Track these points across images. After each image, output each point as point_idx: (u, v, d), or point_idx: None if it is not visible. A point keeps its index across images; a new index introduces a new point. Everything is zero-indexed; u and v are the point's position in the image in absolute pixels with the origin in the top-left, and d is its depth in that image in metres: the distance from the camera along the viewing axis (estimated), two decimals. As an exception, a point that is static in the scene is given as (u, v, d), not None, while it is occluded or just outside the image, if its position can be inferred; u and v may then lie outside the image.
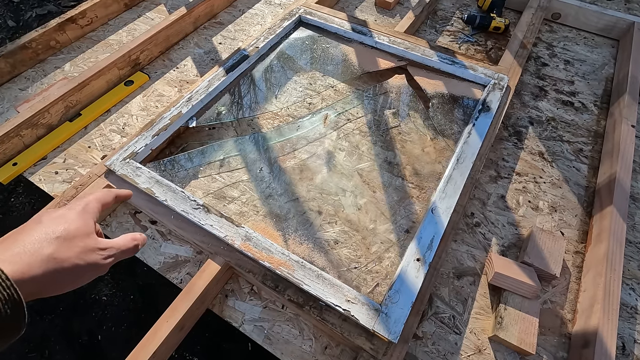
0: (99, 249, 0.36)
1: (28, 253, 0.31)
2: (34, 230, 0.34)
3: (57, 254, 0.33)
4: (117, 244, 0.39)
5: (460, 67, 1.06)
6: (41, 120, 0.96)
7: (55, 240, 0.33)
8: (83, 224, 0.36)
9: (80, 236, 0.35)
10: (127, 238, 0.40)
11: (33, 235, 0.33)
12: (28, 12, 1.80)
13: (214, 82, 1.01)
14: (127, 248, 0.39)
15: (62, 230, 0.34)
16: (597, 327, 0.66)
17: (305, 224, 0.84)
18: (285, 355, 0.69)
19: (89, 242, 0.35)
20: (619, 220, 0.79)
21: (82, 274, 0.35)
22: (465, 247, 0.83)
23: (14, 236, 0.33)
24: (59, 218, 0.36)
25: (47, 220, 0.35)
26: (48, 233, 0.33)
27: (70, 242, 0.34)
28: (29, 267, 0.31)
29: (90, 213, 0.38)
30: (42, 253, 0.32)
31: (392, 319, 0.62)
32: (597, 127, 1.06)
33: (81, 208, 0.38)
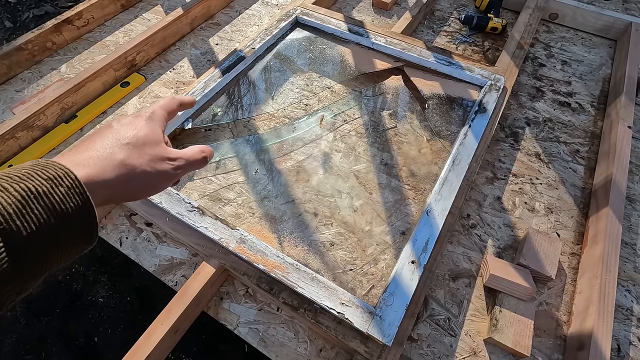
0: (168, 158, 0.35)
1: (101, 157, 0.30)
2: (104, 135, 0.33)
3: (129, 160, 0.32)
4: (186, 155, 0.37)
5: (457, 68, 1.06)
6: (37, 122, 0.96)
7: (125, 147, 0.32)
8: (151, 132, 0.35)
9: (149, 144, 0.34)
10: (195, 149, 0.38)
11: (104, 141, 0.32)
12: (25, 13, 1.80)
13: (210, 83, 1.01)
14: (195, 160, 0.38)
15: (132, 137, 0.33)
16: (592, 329, 0.66)
17: (301, 225, 0.84)
18: (280, 357, 0.69)
19: (158, 151, 0.34)
20: (614, 222, 0.79)
21: (154, 182, 0.34)
22: (461, 248, 0.82)
23: (86, 142, 0.32)
24: (129, 125, 0.34)
25: (117, 126, 0.34)
26: (119, 139, 0.33)
27: (141, 149, 0.33)
28: (102, 171, 0.30)
29: (158, 121, 0.37)
30: (115, 158, 0.31)
31: (386, 321, 0.62)
32: (594, 128, 1.06)
33: (148, 115, 0.37)
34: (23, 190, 0.24)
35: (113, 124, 0.35)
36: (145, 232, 0.84)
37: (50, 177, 0.26)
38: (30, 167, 0.26)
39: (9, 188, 0.24)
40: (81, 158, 0.30)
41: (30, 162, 0.27)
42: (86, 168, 0.29)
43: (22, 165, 0.27)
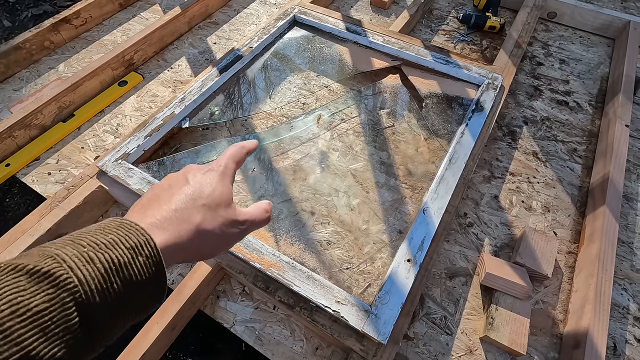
0: (237, 222, 0.35)
1: (178, 220, 0.31)
2: (182, 191, 0.33)
3: (204, 224, 0.32)
4: (252, 217, 0.37)
5: (455, 66, 1.06)
6: (34, 121, 0.96)
7: (202, 208, 0.32)
8: (225, 191, 0.35)
9: (223, 206, 0.34)
10: (260, 210, 0.38)
11: (182, 198, 0.32)
12: (24, 12, 1.80)
13: (207, 82, 1.01)
14: (260, 220, 0.38)
15: (207, 197, 0.33)
16: (588, 328, 0.66)
17: (298, 224, 0.84)
18: (276, 356, 0.69)
19: (230, 213, 0.34)
20: (611, 220, 0.79)
21: (222, 246, 0.35)
22: (457, 247, 0.83)
23: (164, 195, 0.33)
24: (204, 182, 0.34)
25: (193, 181, 0.34)
26: (195, 198, 0.33)
27: (215, 211, 0.33)
28: (179, 236, 0.30)
29: (229, 176, 0.37)
30: (192, 221, 0.31)
31: (382, 320, 0.62)
32: (592, 126, 1.06)
33: (221, 171, 0.36)
34: (107, 262, 0.25)
35: (189, 178, 0.35)
36: (142, 230, 0.84)
37: (132, 246, 0.27)
38: (115, 231, 0.27)
39: (95, 259, 0.25)
40: (160, 218, 0.30)
41: (115, 223, 0.28)
42: (164, 233, 0.30)
43: (107, 224, 0.28)
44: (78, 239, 0.26)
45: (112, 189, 0.82)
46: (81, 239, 0.26)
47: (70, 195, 0.80)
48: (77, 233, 0.27)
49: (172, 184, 0.34)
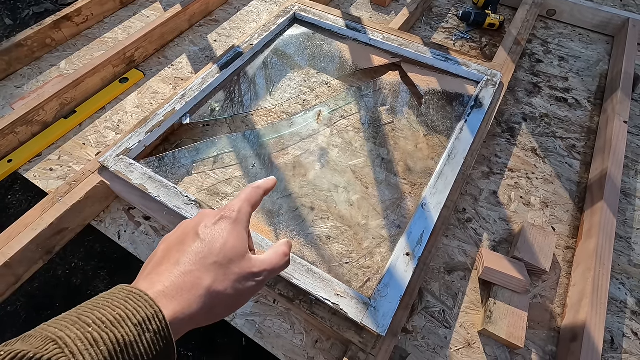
0: (252, 274, 0.33)
1: (189, 285, 0.29)
2: (192, 249, 0.31)
3: (215, 286, 0.30)
4: (270, 265, 0.34)
5: (454, 63, 1.07)
6: (36, 118, 0.97)
7: (212, 267, 0.31)
8: (239, 242, 0.33)
9: (236, 259, 0.32)
10: (279, 255, 0.36)
11: (191, 258, 0.31)
12: (25, 10, 1.81)
13: (207, 79, 1.02)
14: (279, 267, 0.35)
15: (219, 252, 0.31)
16: (585, 321, 0.66)
17: (298, 219, 0.84)
18: (276, 349, 0.69)
19: (244, 267, 0.32)
20: (609, 216, 0.80)
21: (236, 305, 0.32)
22: (456, 242, 0.83)
23: (175, 253, 0.31)
24: (215, 234, 0.32)
25: (204, 236, 0.32)
26: (206, 256, 0.31)
27: (227, 268, 0.31)
28: (188, 305, 0.28)
29: (244, 223, 0.35)
30: (202, 285, 0.30)
31: (381, 312, 0.63)
32: (591, 123, 1.06)
33: (235, 218, 0.34)
34: (112, 343, 0.24)
35: (199, 232, 0.33)
36: (143, 225, 0.85)
37: (140, 322, 0.25)
38: (124, 303, 0.26)
39: (99, 340, 0.24)
40: (169, 285, 0.29)
41: (124, 293, 0.27)
42: (173, 302, 0.28)
43: (116, 294, 0.27)
44: (85, 314, 0.25)
45: (114, 184, 0.82)
46: (87, 315, 0.25)
47: (72, 190, 0.81)
48: (85, 306, 0.26)
49: (183, 240, 0.33)
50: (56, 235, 0.79)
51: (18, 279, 0.76)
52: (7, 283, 0.74)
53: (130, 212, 0.87)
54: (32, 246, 0.75)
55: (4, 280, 0.73)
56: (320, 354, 0.69)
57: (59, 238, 0.80)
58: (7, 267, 0.72)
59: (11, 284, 0.75)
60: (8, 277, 0.73)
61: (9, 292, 0.75)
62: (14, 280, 0.75)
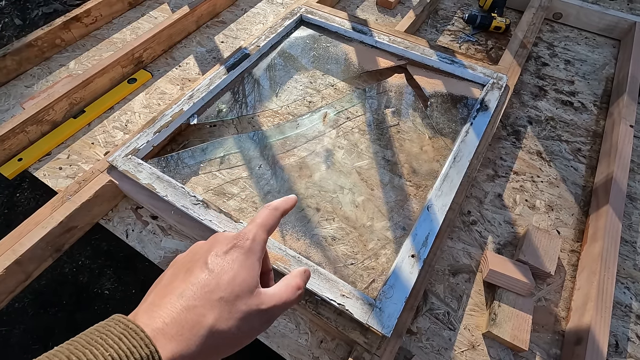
0: (260, 311, 0.30)
1: (189, 324, 0.27)
2: (198, 280, 0.29)
3: (218, 325, 0.28)
4: (280, 299, 0.32)
5: (460, 66, 1.07)
6: (46, 117, 0.98)
7: (218, 303, 0.28)
8: (250, 276, 0.30)
9: (244, 295, 0.29)
10: (291, 288, 0.33)
11: (195, 290, 0.28)
12: (34, 10, 1.83)
13: (215, 80, 1.03)
14: (290, 302, 0.32)
15: (226, 287, 0.29)
16: (589, 325, 0.67)
17: (303, 220, 0.85)
18: (281, 348, 0.70)
19: (252, 304, 0.30)
20: (614, 220, 0.80)
21: (236, 345, 0.30)
22: (461, 244, 0.83)
23: (179, 284, 0.29)
24: (225, 266, 0.30)
25: (213, 266, 0.30)
26: (212, 290, 0.29)
27: (233, 305, 0.29)
28: (187, 346, 0.26)
29: (257, 253, 0.32)
30: (204, 324, 0.27)
31: (386, 313, 0.63)
32: (596, 127, 1.06)
33: (248, 247, 0.32)
34: None
35: (209, 261, 0.30)
36: (150, 224, 0.86)
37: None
38: (118, 342, 0.24)
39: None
40: (169, 321, 0.27)
41: (119, 328, 0.25)
42: (172, 342, 0.26)
43: (111, 329, 0.25)
44: (76, 353, 0.23)
45: (122, 183, 0.84)
46: (79, 354, 0.23)
47: (81, 189, 0.82)
48: (78, 341, 0.24)
49: (191, 268, 0.30)
50: (65, 233, 0.80)
51: (28, 276, 0.77)
52: (17, 280, 0.75)
53: (138, 211, 0.88)
54: (42, 244, 0.76)
55: (15, 277, 0.74)
56: (325, 353, 0.69)
57: (68, 236, 0.81)
58: (17, 264, 0.73)
59: (21, 281, 0.76)
60: (18, 274, 0.75)
61: (19, 289, 0.77)
62: (24, 278, 0.76)
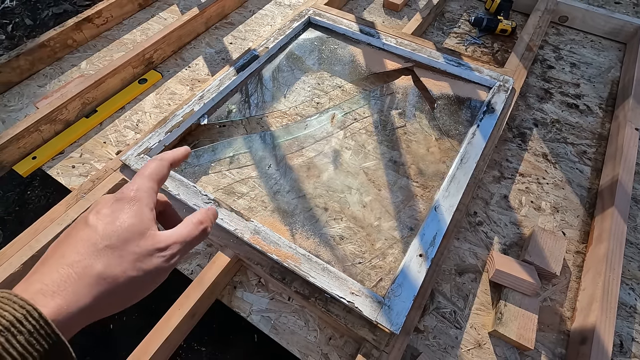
0: (157, 250, 0.29)
1: (74, 277, 0.26)
2: (80, 237, 0.28)
3: (108, 270, 0.27)
4: (180, 236, 0.31)
5: (466, 69, 1.08)
6: (59, 116, 1.00)
7: (104, 251, 0.27)
8: (137, 220, 0.29)
9: (134, 238, 0.28)
10: (190, 224, 0.32)
11: (79, 246, 0.27)
12: (45, 11, 1.85)
13: (225, 81, 1.04)
14: (193, 238, 0.31)
15: (111, 234, 0.28)
16: (594, 324, 0.68)
17: (312, 219, 0.86)
18: (290, 345, 0.72)
19: (145, 245, 0.28)
20: (619, 222, 0.81)
21: (142, 287, 0.29)
22: (467, 245, 0.85)
23: (61, 248, 0.28)
24: (108, 217, 0.29)
25: (95, 221, 0.29)
26: (96, 242, 0.27)
27: (123, 249, 0.28)
28: (75, 297, 0.25)
29: (145, 199, 0.31)
30: (91, 273, 0.26)
31: (395, 311, 0.65)
32: (602, 129, 1.07)
33: (132, 195, 0.30)
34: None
35: (89, 219, 0.29)
36: (162, 222, 0.87)
37: (6, 327, 0.22)
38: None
39: None
40: (50, 281, 0.25)
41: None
42: (56, 298, 0.24)
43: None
44: None
45: (135, 182, 0.85)
46: None
47: (95, 187, 0.84)
48: None
49: (71, 232, 0.29)
50: (79, 230, 0.82)
51: (43, 271, 0.79)
52: (33, 275, 0.77)
53: (150, 210, 0.89)
54: (57, 240, 0.78)
55: (31, 273, 0.76)
56: (333, 350, 0.71)
57: (82, 233, 0.83)
58: (34, 259, 0.75)
59: (37, 277, 0.78)
60: (34, 270, 0.76)
61: (34, 284, 0.78)
62: (39, 273, 0.78)
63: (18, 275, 0.74)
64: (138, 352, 0.64)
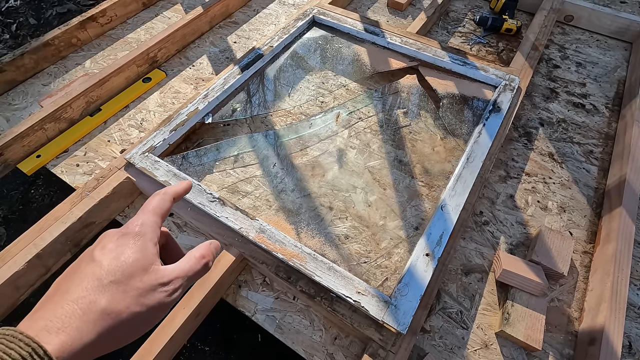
0: (160, 284, 0.29)
1: (78, 313, 0.26)
2: (85, 273, 0.28)
3: (112, 306, 0.27)
4: (182, 271, 0.31)
5: (472, 68, 1.08)
6: (64, 115, 1.00)
7: (109, 286, 0.28)
8: (141, 255, 0.30)
9: (137, 274, 0.29)
10: (194, 259, 0.33)
11: (84, 283, 0.27)
12: (49, 10, 1.86)
13: (229, 80, 1.04)
14: (195, 272, 0.32)
15: (116, 270, 0.28)
16: (603, 325, 0.67)
17: (317, 219, 0.86)
18: (296, 344, 0.71)
19: (148, 280, 0.29)
20: (628, 221, 0.80)
21: (144, 322, 0.29)
22: (473, 244, 0.84)
23: (65, 283, 0.28)
24: (113, 252, 0.30)
25: (100, 256, 0.29)
26: (100, 277, 0.28)
27: (127, 284, 0.28)
28: (79, 334, 0.25)
29: (148, 235, 0.31)
30: (95, 309, 0.26)
31: (401, 311, 0.64)
32: (608, 129, 1.06)
33: (137, 231, 0.31)
34: None
35: (95, 254, 0.30)
36: (166, 221, 0.87)
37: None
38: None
39: None
40: (54, 318, 0.25)
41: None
42: (60, 335, 0.25)
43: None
44: None
45: (139, 180, 0.85)
46: None
47: (99, 186, 0.84)
48: None
49: (76, 268, 0.29)
50: (84, 228, 0.82)
51: (47, 270, 0.79)
52: (38, 273, 0.77)
53: (154, 208, 0.89)
54: (61, 239, 0.78)
55: (36, 271, 0.76)
56: (339, 350, 0.70)
57: (86, 231, 0.83)
58: (38, 258, 0.75)
59: (41, 275, 0.78)
60: (39, 268, 0.76)
61: (39, 282, 0.78)
62: (44, 271, 0.78)
63: (22, 274, 0.73)
64: (142, 351, 0.64)
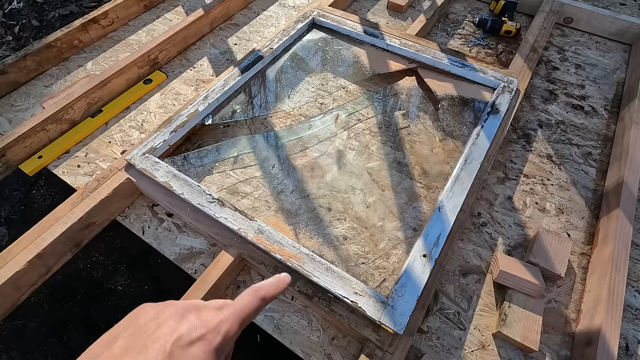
0: None
1: None
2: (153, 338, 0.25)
3: None
4: None
5: (470, 69, 1.08)
6: (65, 116, 1.01)
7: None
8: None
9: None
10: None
11: (150, 350, 0.24)
12: (51, 12, 1.87)
13: (229, 81, 1.05)
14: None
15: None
16: (600, 326, 0.67)
17: (315, 219, 0.86)
18: (294, 344, 0.71)
19: None
20: (625, 223, 0.80)
21: None
22: (471, 245, 0.84)
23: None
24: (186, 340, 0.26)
25: (172, 358, 0.25)
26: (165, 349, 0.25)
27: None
28: None
29: (223, 354, 0.28)
30: None
31: (398, 311, 0.64)
32: (607, 131, 1.06)
33: (217, 345, 0.27)
34: None
35: (168, 349, 0.25)
36: (166, 222, 0.88)
37: None
38: None
39: None
40: None
41: None
42: None
43: None
44: None
45: (140, 181, 0.86)
46: None
47: (100, 187, 0.84)
48: None
49: (147, 346, 0.25)
50: (85, 229, 0.82)
51: (48, 269, 0.79)
52: (39, 273, 0.77)
53: (154, 209, 0.90)
54: (62, 239, 0.78)
55: (36, 271, 0.77)
56: (336, 350, 0.70)
57: (87, 232, 0.84)
58: (39, 257, 0.75)
59: (42, 275, 0.78)
60: (40, 268, 0.77)
61: (40, 282, 0.79)
62: (44, 271, 0.79)
63: (23, 274, 0.74)
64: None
